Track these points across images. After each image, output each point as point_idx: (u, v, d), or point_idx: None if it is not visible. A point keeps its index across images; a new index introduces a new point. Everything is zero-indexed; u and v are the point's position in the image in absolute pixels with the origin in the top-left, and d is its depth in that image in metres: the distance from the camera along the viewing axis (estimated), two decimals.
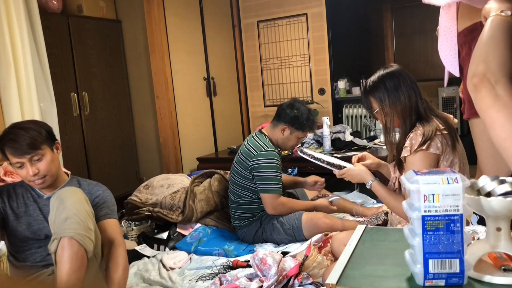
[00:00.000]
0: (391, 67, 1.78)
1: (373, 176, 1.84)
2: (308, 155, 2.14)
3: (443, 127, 1.68)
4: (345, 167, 1.93)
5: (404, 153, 1.68)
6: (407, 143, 1.68)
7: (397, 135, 1.81)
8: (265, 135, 2.61)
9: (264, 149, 2.50)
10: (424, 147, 1.63)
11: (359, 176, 1.87)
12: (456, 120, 1.82)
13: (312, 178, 2.80)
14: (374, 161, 1.98)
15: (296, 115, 2.54)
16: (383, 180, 1.87)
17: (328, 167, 2.00)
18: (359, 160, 1.99)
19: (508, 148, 0.89)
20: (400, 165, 1.76)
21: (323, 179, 2.77)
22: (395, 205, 1.74)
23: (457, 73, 1.60)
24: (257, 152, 2.49)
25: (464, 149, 1.76)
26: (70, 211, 1.56)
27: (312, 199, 2.84)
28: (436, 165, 1.66)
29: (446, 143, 1.65)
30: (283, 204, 2.49)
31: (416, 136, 1.66)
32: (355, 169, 1.89)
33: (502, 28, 0.99)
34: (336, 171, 1.95)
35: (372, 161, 1.98)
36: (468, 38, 1.51)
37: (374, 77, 1.78)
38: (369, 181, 1.82)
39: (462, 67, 1.63)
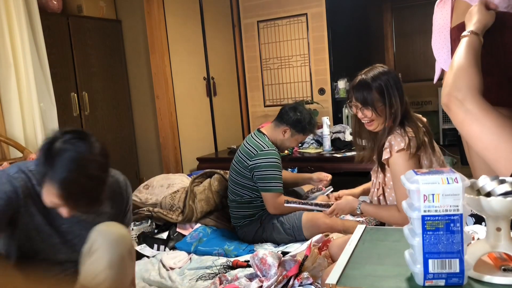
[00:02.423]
0: (385, 67, 1.79)
1: (358, 200, 1.89)
2: (294, 202, 2.22)
3: (421, 126, 1.71)
4: (332, 204, 1.97)
5: (385, 155, 1.69)
6: (386, 144, 1.70)
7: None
8: (264, 134, 2.62)
9: (264, 148, 2.51)
10: (404, 147, 1.65)
11: (348, 206, 1.90)
12: (425, 119, 1.84)
13: (318, 175, 2.80)
14: (350, 193, 2.02)
15: (298, 118, 2.56)
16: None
17: (317, 208, 2.05)
18: (336, 199, 2.02)
19: (488, 156, 0.93)
20: (382, 168, 1.77)
21: (330, 175, 2.77)
22: (389, 214, 1.76)
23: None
24: (257, 152, 2.50)
25: (440, 150, 1.80)
26: (106, 271, 1.29)
27: (306, 192, 2.84)
28: (418, 165, 1.68)
29: (423, 143, 1.68)
30: (276, 208, 2.48)
31: (395, 138, 1.69)
32: (342, 202, 1.93)
33: (467, 47, 1.07)
34: (326, 211, 1.99)
35: (347, 194, 2.02)
36: (461, 32, 1.53)
37: (378, 71, 1.76)
38: (357, 206, 1.86)
39: None
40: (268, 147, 2.51)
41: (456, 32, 1.49)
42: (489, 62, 1.17)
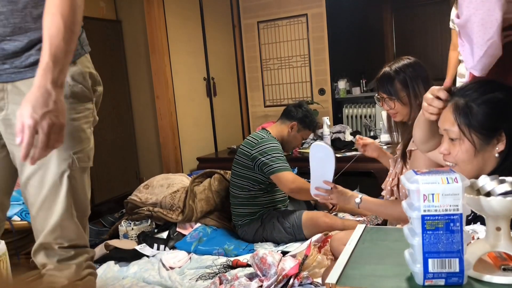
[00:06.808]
0: (411, 59, 1.76)
1: (357, 194, 1.77)
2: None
3: None
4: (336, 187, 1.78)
5: (411, 146, 1.66)
6: None
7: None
8: (268, 131, 2.70)
9: (265, 137, 2.62)
10: None
11: (345, 199, 1.75)
12: None
13: None
14: (377, 147, 2.01)
15: (305, 114, 2.73)
16: (384, 173, 1.87)
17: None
18: (364, 145, 2.03)
19: None
20: (404, 158, 1.74)
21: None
22: (389, 212, 1.72)
23: (477, 73, 1.59)
24: (258, 141, 2.60)
25: None
26: None
27: None
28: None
29: None
30: (293, 181, 2.46)
31: None
32: (341, 190, 1.76)
33: None
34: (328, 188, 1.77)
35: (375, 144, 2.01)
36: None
37: (403, 63, 1.74)
38: (356, 200, 1.71)
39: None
40: (268, 137, 2.62)
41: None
42: None
